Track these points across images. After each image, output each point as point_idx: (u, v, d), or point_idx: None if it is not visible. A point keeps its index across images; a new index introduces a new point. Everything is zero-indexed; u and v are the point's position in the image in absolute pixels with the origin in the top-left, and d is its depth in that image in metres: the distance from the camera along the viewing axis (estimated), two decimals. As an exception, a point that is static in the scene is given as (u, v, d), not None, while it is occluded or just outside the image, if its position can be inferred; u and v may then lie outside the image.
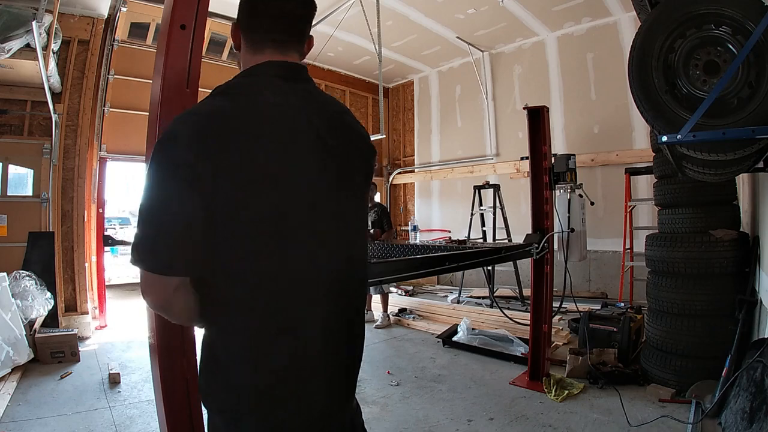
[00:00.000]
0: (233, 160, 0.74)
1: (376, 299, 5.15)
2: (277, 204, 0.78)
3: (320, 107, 0.90)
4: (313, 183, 0.83)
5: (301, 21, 0.92)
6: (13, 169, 4.41)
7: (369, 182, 0.99)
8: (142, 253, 0.74)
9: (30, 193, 4.40)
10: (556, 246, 3.32)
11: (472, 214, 6.22)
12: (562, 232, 3.29)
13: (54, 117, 4.28)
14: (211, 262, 0.76)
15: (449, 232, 7.54)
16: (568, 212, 3.32)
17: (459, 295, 5.96)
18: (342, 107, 0.98)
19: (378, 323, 4.83)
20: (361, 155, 0.96)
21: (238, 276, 0.77)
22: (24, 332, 3.46)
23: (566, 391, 2.89)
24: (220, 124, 0.75)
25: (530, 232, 3.17)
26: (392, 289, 6.28)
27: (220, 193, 0.73)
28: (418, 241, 3.90)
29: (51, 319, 4.06)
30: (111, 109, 5.44)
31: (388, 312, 4.96)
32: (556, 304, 3.39)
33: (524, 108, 3.31)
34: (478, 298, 5.88)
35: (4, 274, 3.59)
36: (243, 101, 0.80)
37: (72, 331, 3.92)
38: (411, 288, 6.73)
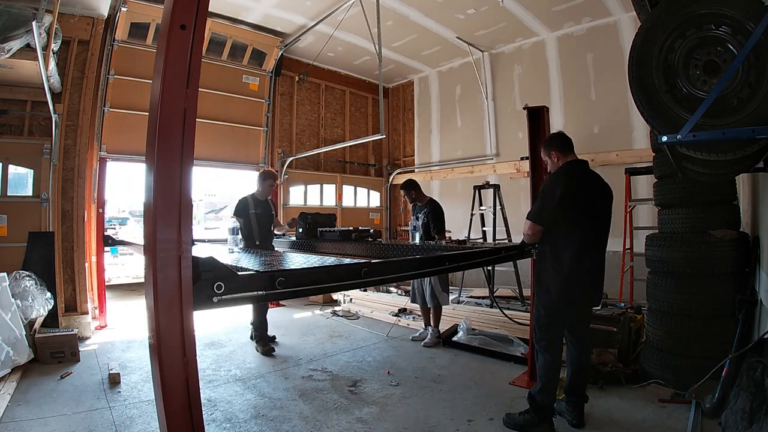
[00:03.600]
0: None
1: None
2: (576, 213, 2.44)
3: (594, 176, 2.56)
4: (592, 207, 2.48)
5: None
6: (13, 169, 4.41)
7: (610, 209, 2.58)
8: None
9: (30, 193, 4.40)
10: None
11: (472, 214, 6.22)
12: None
13: (54, 117, 4.28)
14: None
15: (449, 232, 7.48)
16: (568, 212, 3.31)
17: (459, 295, 5.96)
18: (597, 175, 2.61)
19: (426, 341, 4.20)
20: (607, 196, 2.57)
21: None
22: (24, 332, 3.46)
23: (566, 391, 2.89)
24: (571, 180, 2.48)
25: (530, 232, 3.16)
26: (391, 289, 6.24)
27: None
28: (418, 241, 3.89)
29: (51, 319, 4.06)
30: (111, 109, 5.45)
31: (439, 328, 4.33)
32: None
33: (524, 108, 3.32)
34: (478, 298, 5.87)
35: (4, 274, 3.59)
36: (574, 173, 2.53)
37: (72, 331, 3.92)
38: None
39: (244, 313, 5.36)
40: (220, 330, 4.77)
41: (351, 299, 5.97)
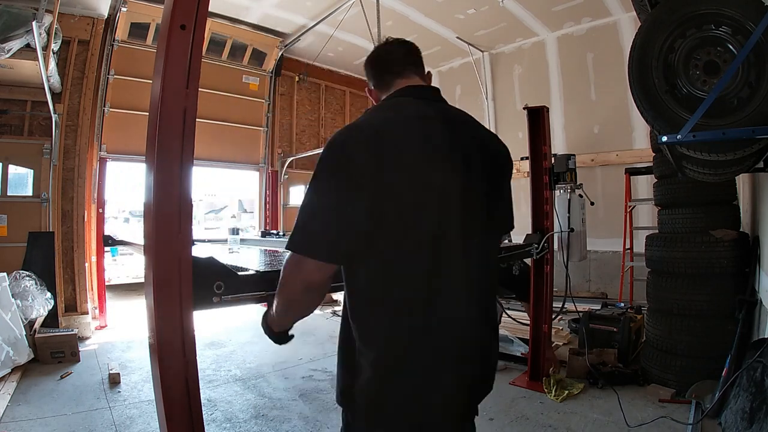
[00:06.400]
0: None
1: None
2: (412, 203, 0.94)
3: (452, 117, 1.09)
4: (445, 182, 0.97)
5: (409, 55, 1.28)
6: (13, 169, 4.41)
7: (505, 183, 1.22)
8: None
9: (30, 193, 4.40)
10: (556, 246, 3.32)
11: (472, 214, 6.21)
12: (562, 232, 3.28)
13: (54, 117, 4.28)
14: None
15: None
16: (568, 212, 3.32)
17: (459, 295, 5.96)
18: (474, 121, 1.15)
19: None
20: (493, 160, 1.12)
21: None
22: (24, 332, 3.46)
23: (566, 392, 2.89)
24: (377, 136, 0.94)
25: (530, 232, 3.17)
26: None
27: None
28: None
29: (51, 319, 4.06)
30: (111, 109, 5.44)
31: None
32: (556, 304, 3.39)
33: (524, 108, 3.31)
34: (478, 298, 5.86)
35: (4, 274, 3.59)
36: (391, 114, 1.04)
37: (72, 331, 3.92)
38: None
39: (245, 313, 5.36)
40: (221, 330, 4.77)
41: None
